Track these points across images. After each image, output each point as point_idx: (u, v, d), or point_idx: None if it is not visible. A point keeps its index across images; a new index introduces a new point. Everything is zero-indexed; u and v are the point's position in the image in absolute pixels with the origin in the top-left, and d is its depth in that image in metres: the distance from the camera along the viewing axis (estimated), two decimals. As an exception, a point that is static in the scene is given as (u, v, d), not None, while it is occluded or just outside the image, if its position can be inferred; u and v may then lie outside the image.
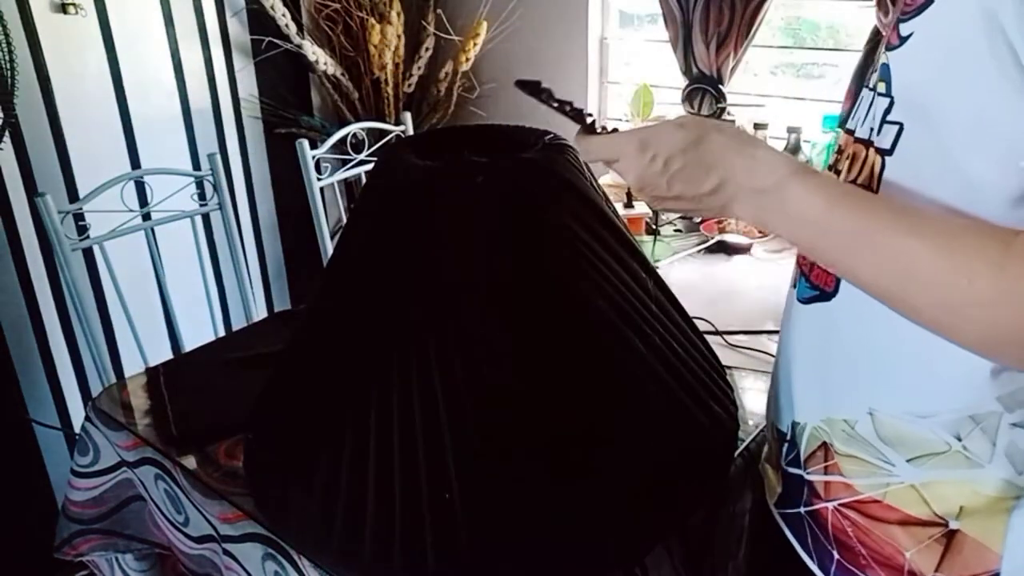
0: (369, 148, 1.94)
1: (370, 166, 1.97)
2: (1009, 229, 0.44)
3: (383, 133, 2.04)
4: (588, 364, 0.69)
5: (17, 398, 1.85)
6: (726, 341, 1.22)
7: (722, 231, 1.85)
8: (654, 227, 1.90)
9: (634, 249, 0.78)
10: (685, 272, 1.67)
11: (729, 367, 1.18)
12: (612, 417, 0.70)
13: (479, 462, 0.65)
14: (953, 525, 0.55)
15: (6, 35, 1.58)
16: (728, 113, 2.03)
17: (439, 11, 2.35)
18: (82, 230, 1.61)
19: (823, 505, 0.63)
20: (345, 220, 1.68)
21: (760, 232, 1.83)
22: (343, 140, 1.91)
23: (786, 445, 0.69)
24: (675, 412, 0.73)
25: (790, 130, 1.79)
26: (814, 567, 0.65)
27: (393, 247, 0.69)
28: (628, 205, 1.89)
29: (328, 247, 1.91)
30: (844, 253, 0.50)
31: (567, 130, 0.81)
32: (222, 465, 0.94)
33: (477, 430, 0.65)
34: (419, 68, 2.35)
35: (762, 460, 0.78)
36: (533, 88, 0.61)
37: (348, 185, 2.42)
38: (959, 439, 0.53)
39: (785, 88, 2.11)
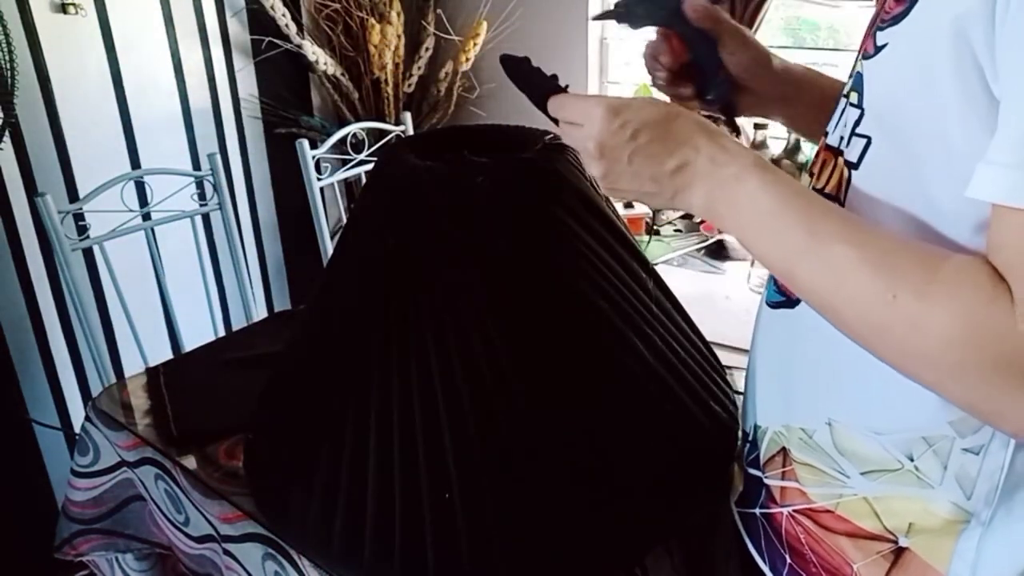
0: (369, 148, 1.94)
1: (370, 166, 1.97)
2: (943, 254, 0.44)
3: (383, 133, 2.04)
4: (588, 364, 0.69)
5: (17, 398, 1.85)
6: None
7: (722, 231, 1.86)
8: (654, 227, 1.90)
9: (634, 249, 0.78)
10: (683, 275, 1.67)
11: (729, 367, 1.18)
12: (611, 417, 0.70)
13: (479, 462, 0.65)
14: (903, 542, 0.55)
15: (6, 35, 1.58)
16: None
17: (439, 11, 2.35)
18: (82, 230, 1.61)
19: (778, 510, 0.63)
20: (345, 220, 1.68)
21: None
22: (343, 140, 1.91)
23: (748, 445, 0.69)
24: (675, 412, 0.73)
25: (790, 130, 1.79)
26: (766, 568, 0.65)
27: (393, 247, 0.69)
28: (628, 205, 1.89)
29: (328, 247, 1.91)
30: (784, 252, 0.49)
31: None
32: (222, 465, 0.94)
33: (477, 430, 0.65)
34: (419, 68, 2.35)
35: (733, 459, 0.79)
36: (517, 69, 0.61)
37: (348, 185, 2.42)
38: (911, 459, 0.53)
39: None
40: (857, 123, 0.52)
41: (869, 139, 0.51)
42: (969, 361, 0.42)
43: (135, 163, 2.03)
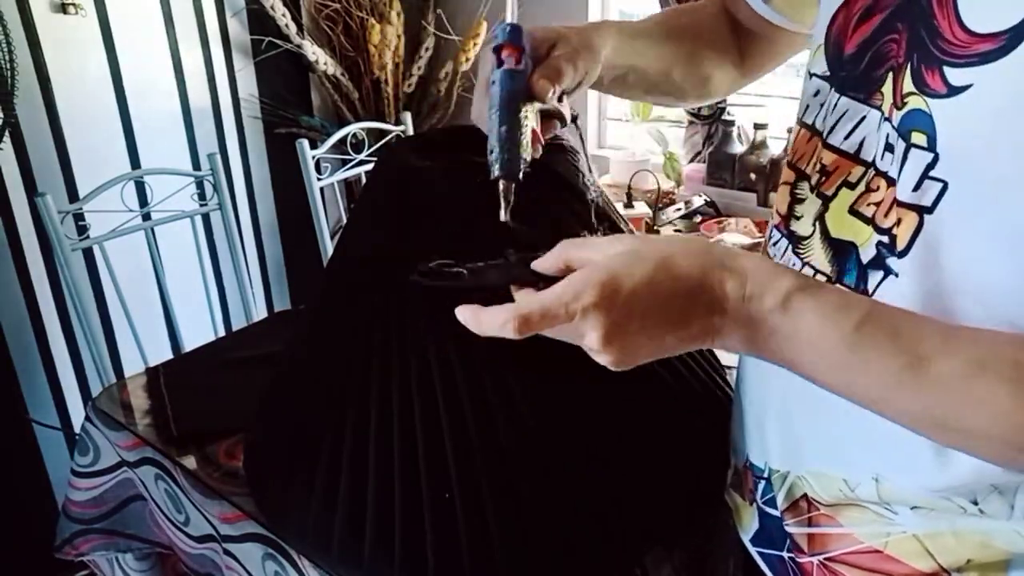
0: (369, 148, 1.94)
1: (370, 166, 1.97)
2: (989, 347, 0.40)
3: (383, 133, 2.04)
4: (586, 365, 0.69)
5: (17, 398, 1.86)
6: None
7: (721, 230, 1.86)
8: (654, 227, 1.90)
9: None
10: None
11: (728, 367, 1.18)
12: (611, 417, 0.70)
13: (479, 462, 0.65)
14: None
15: (6, 35, 1.59)
16: (728, 113, 2.03)
17: (439, 11, 2.35)
18: (82, 230, 1.61)
19: (806, 560, 0.59)
20: (345, 220, 1.68)
21: (759, 232, 1.83)
22: (343, 140, 1.91)
23: (762, 484, 0.64)
24: (676, 412, 0.73)
25: (790, 130, 1.79)
26: None
27: (392, 248, 0.69)
28: (628, 205, 1.89)
29: (328, 247, 1.92)
30: (871, 383, 0.42)
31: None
32: (222, 465, 0.94)
33: (477, 430, 0.65)
34: (419, 68, 2.35)
35: (727, 487, 0.73)
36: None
37: (348, 185, 2.42)
38: (975, 503, 0.49)
39: (785, 88, 2.11)
40: (930, 166, 0.46)
41: (946, 184, 0.45)
42: None
43: (135, 163, 2.03)
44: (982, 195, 0.43)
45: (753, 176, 1.96)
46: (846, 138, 0.54)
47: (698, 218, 1.95)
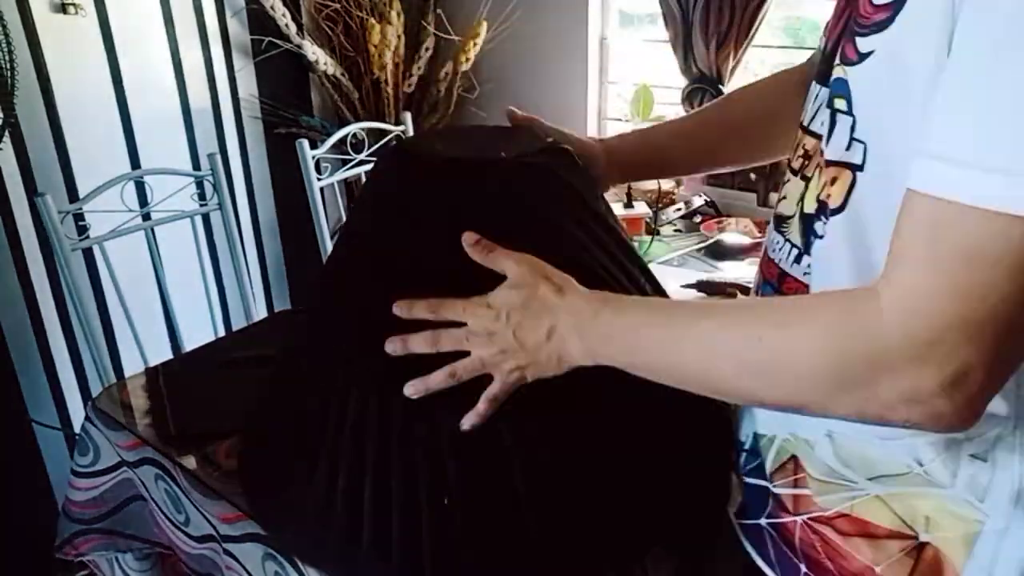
0: (369, 148, 1.94)
1: (370, 166, 1.97)
2: (801, 295, 0.51)
3: (383, 133, 2.04)
4: (584, 368, 0.69)
5: (17, 398, 1.86)
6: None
7: (721, 230, 1.86)
8: (654, 227, 1.91)
9: (633, 254, 0.78)
10: (683, 275, 1.67)
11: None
12: (610, 419, 0.70)
13: (476, 466, 0.65)
14: (923, 537, 0.54)
15: (6, 35, 1.58)
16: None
17: (439, 11, 2.35)
18: (82, 230, 1.61)
19: (791, 519, 0.62)
20: (345, 220, 1.68)
21: (759, 232, 1.83)
22: (343, 140, 1.91)
23: (744, 455, 0.69)
24: (674, 414, 0.73)
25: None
26: None
27: (391, 250, 0.69)
28: (628, 205, 1.89)
29: (328, 247, 1.92)
30: (661, 355, 0.55)
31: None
32: (222, 465, 0.94)
33: (475, 432, 0.64)
34: (419, 68, 2.35)
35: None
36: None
37: (348, 185, 2.42)
38: (920, 463, 0.54)
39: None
40: (853, 128, 0.53)
41: (865, 144, 0.52)
42: (845, 368, 0.44)
43: (135, 163, 2.03)
44: (894, 156, 0.48)
45: (753, 176, 1.96)
46: (821, 123, 0.59)
47: (698, 218, 1.95)
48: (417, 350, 0.63)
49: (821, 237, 0.57)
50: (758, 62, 2.10)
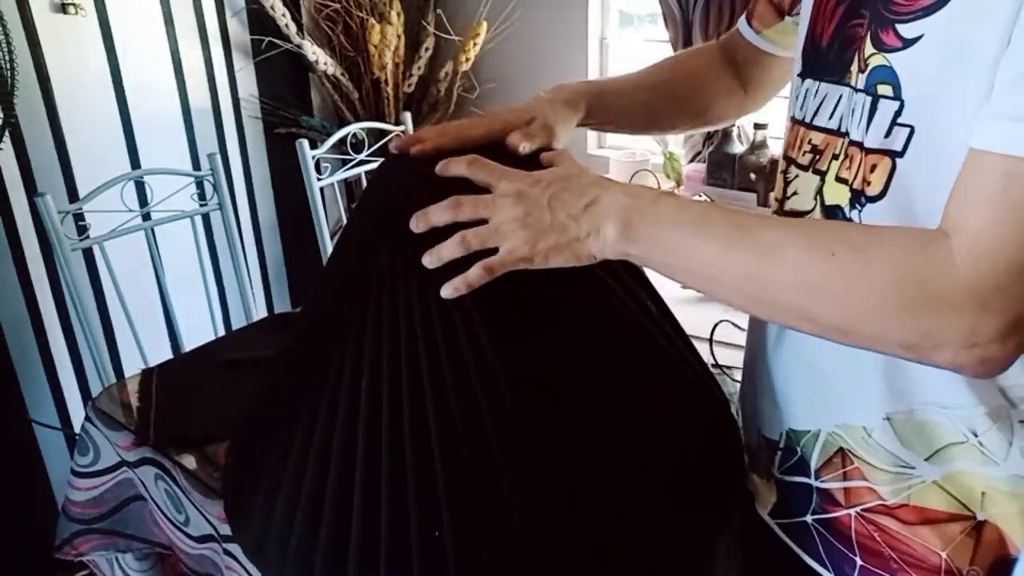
0: (369, 148, 1.94)
1: (370, 166, 1.97)
2: (872, 225, 0.51)
3: (383, 133, 2.04)
4: (586, 385, 0.68)
5: (17, 398, 1.86)
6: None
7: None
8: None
9: (639, 274, 0.77)
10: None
11: (729, 367, 1.18)
12: (612, 435, 0.69)
13: (470, 490, 0.63)
14: (980, 516, 0.56)
15: (6, 35, 1.58)
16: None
17: (439, 11, 2.35)
18: (82, 230, 1.61)
19: (843, 512, 0.63)
20: (345, 220, 1.68)
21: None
22: (343, 140, 1.91)
23: (780, 453, 0.69)
24: (676, 427, 0.72)
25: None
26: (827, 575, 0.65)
27: (390, 257, 0.68)
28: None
29: (328, 247, 1.92)
30: (715, 249, 0.52)
31: (570, 142, 0.81)
32: (222, 465, 0.94)
33: (471, 460, 0.63)
34: (419, 68, 2.35)
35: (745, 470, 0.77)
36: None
37: (348, 185, 2.42)
38: (975, 434, 0.55)
39: (785, 90, 2.11)
40: (898, 114, 0.53)
41: (912, 128, 0.52)
42: (911, 298, 0.45)
43: (135, 163, 2.03)
44: (945, 135, 0.50)
45: (753, 176, 1.96)
46: (829, 118, 0.61)
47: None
48: (438, 221, 0.59)
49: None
50: (758, 62, 2.10)
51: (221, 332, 1.89)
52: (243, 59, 2.27)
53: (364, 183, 2.03)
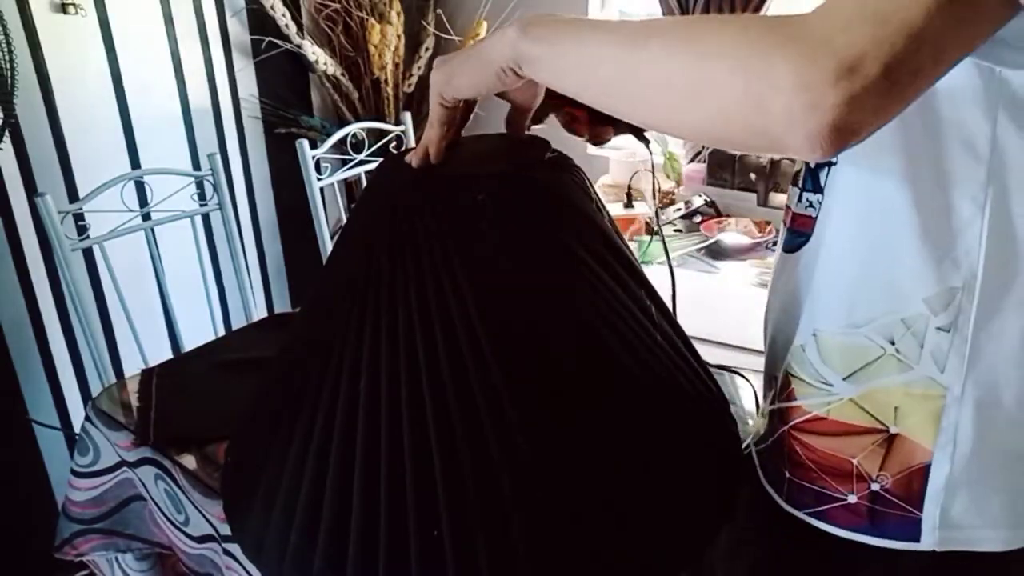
0: (369, 148, 1.94)
1: (370, 166, 1.97)
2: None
3: (383, 133, 2.04)
4: (587, 394, 0.68)
5: (17, 398, 1.86)
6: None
7: (721, 230, 1.86)
8: (655, 227, 1.91)
9: (640, 274, 0.76)
10: (682, 275, 1.68)
11: (728, 368, 1.18)
12: (612, 447, 0.68)
13: (469, 490, 0.63)
14: (893, 429, 0.62)
15: (6, 35, 1.59)
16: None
17: (439, 11, 2.35)
18: (82, 230, 1.61)
19: (783, 429, 0.69)
20: (345, 220, 1.68)
21: (759, 232, 1.83)
22: (343, 140, 1.91)
23: (773, 390, 0.74)
24: (676, 427, 0.72)
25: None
26: (777, 497, 0.70)
27: (389, 257, 0.68)
28: (628, 205, 1.89)
29: (328, 247, 1.92)
30: (597, 48, 0.51)
31: (570, 140, 0.80)
32: (221, 465, 0.94)
33: (470, 460, 0.63)
34: (419, 68, 2.35)
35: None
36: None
37: (348, 185, 2.42)
38: (892, 343, 0.60)
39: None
40: None
41: None
42: (751, 39, 0.42)
43: (135, 163, 2.03)
44: None
45: (753, 176, 1.96)
46: None
47: (698, 218, 1.95)
48: (430, 135, 0.65)
49: (835, 163, 0.62)
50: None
51: (221, 332, 1.89)
52: (243, 59, 2.27)
53: (364, 183, 2.03)
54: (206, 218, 2.14)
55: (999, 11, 0.41)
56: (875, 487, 0.63)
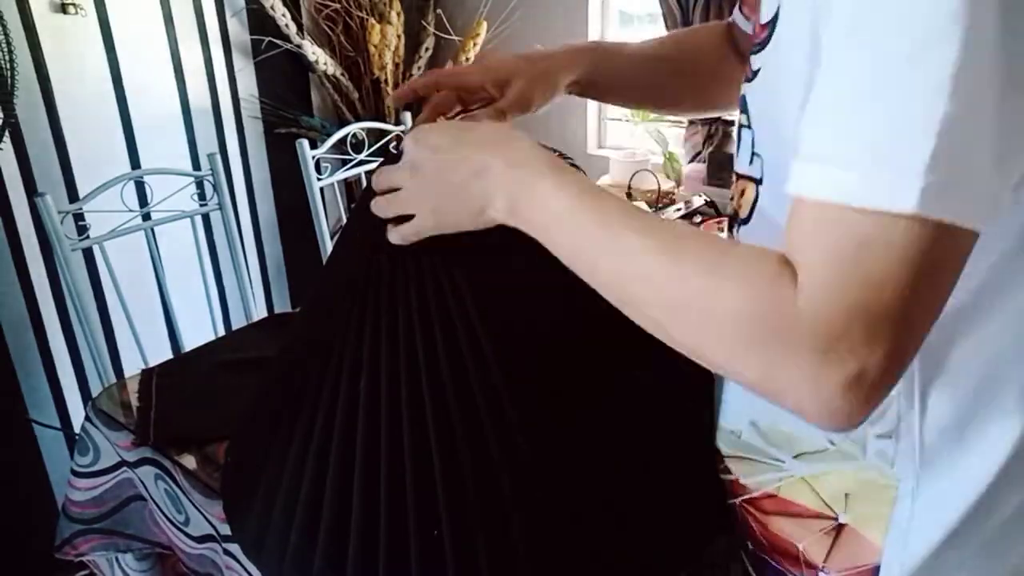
0: (369, 148, 1.94)
1: (370, 166, 1.97)
2: (734, 241, 0.49)
3: (383, 133, 2.04)
4: (586, 394, 0.68)
5: (17, 398, 1.86)
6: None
7: (721, 230, 1.85)
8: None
9: None
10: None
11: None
12: (612, 447, 0.68)
13: (468, 490, 0.63)
14: (842, 519, 0.57)
15: (6, 35, 1.58)
16: (728, 113, 2.03)
17: (439, 11, 2.35)
18: (82, 230, 1.61)
19: (733, 501, 0.67)
20: (345, 220, 1.68)
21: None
22: (343, 140, 1.91)
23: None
24: (676, 428, 0.72)
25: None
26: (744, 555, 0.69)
27: (389, 257, 0.68)
28: (628, 205, 1.88)
29: (328, 247, 1.92)
30: (583, 249, 0.51)
31: (570, 140, 0.80)
32: (222, 465, 0.94)
33: (470, 459, 0.63)
34: (419, 68, 2.35)
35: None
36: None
37: (348, 185, 2.42)
38: (832, 443, 0.56)
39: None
40: (753, 143, 0.55)
41: (763, 158, 0.54)
42: (755, 335, 0.43)
43: (135, 163, 2.03)
44: (784, 163, 0.47)
45: (753, 176, 1.96)
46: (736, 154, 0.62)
47: (698, 218, 1.95)
48: (381, 213, 0.62)
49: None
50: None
51: (221, 332, 1.88)
52: (243, 59, 2.27)
53: (364, 183, 2.03)
54: (206, 218, 2.14)
55: (968, 242, 0.40)
56: None
